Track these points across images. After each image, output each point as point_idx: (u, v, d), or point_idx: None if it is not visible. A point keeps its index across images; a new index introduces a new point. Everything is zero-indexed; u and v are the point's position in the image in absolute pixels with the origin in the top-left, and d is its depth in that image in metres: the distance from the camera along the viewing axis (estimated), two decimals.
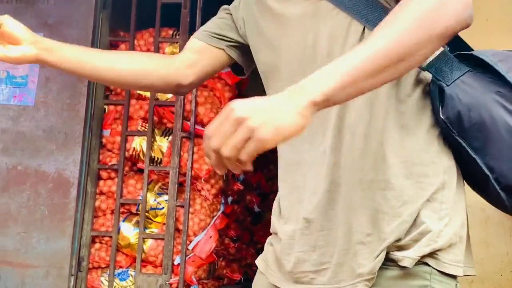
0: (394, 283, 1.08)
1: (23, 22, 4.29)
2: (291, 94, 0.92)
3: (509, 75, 1.06)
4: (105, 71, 1.44)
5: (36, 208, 4.30)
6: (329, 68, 0.94)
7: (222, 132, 0.90)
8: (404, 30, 0.95)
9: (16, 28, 1.39)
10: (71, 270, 4.26)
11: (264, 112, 0.90)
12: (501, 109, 1.04)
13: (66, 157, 4.35)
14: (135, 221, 4.52)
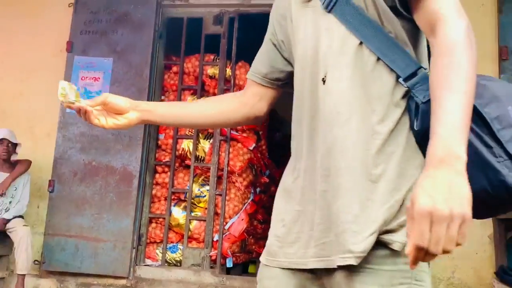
0: (383, 261, 1.00)
1: (98, 49, 4.42)
2: (448, 164, 0.84)
3: (476, 101, 0.96)
4: (199, 119, 1.36)
5: (106, 195, 4.34)
6: (451, 124, 0.86)
7: (437, 235, 0.80)
8: (471, 69, 0.91)
9: (118, 101, 1.28)
10: (133, 243, 4.31)
11: (453, 197, 0.81)
12: None
13: (130, 155, 4.39)
14: (183, 206, 4.60)
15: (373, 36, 1.04)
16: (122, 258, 4.26)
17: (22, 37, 4.79)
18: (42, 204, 4.45)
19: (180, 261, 4.47)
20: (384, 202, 1.00)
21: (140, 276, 4.34)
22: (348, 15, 1.07)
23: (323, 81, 1.08)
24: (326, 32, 1.10)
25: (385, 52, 1.04)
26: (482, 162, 0.94)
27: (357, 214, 1.00)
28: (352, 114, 1.04)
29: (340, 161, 1.04)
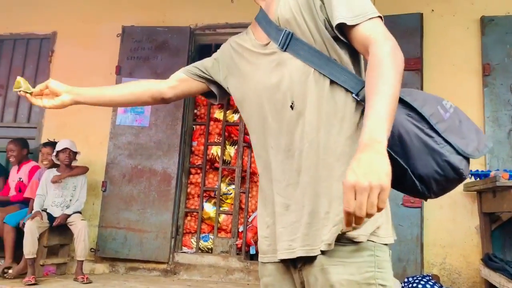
0: (351, 255, 1.03)
1: (142, 72, 4.52)
2: (371, 147, 0.89)
3: (414, 103, 1.06)
4: (116, 99, 1.41)
5: (149, 193, 4.40)
6: (375, 118, 0.92)
7: (360, 202, 0.85)
8: (395, 77, 0.97)
9: (56, 85, 1.38)
10: (172, 234, 4.36)
11: (372, 171, 0.86)
12: (411, 125, 1.05)
13: (168, 160, 4.44)
14: (213, 202, 4.64)
15: (324, 64, 1.10)
16: (163, 246, 4.30)
17: (79, 63, 4.87)
18: (97, 201, 4.53)
19: (211, 248, 4.51)
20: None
21: (178, 261, 4.38)
22: (300, 50, 1.11)
23: (291, 107, 1.11)
24: (285, 67, 1.13)
25: (337, 75, 1.09)
26: (429, 149, 1.04)
27: (327, 211, 1.06)
28: (318, 129, 1.09)
29: (312, 169, 1.08)
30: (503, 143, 3.86)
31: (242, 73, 1.24)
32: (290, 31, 1.13)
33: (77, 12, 4.98)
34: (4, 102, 5.12)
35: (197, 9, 4.69)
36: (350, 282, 1.03)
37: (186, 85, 1.39)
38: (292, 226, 1.09)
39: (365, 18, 1.06)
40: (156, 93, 1.40)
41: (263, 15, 1.24)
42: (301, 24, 1.12)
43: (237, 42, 1.29)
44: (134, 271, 4.35)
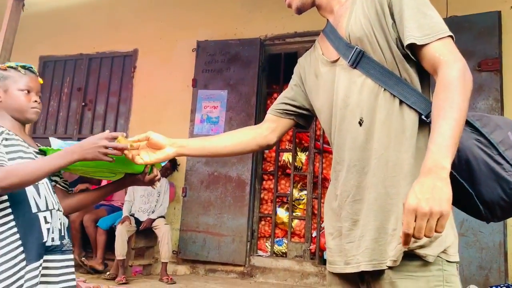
0: (420, 269, 1.03)
1: (215, 84, 4.72)
2: (434, 172, 0.92)
3: (483, 129, 1.06)
4: (221, 150, 1.37)
5: (226, 198, 4.55)
6: (440, 143, 0.94)
7: (419, 226, 0.89)
8: (462, 102, 0.98)
9: (158, 138, 1.32)
10: (247, 238, 4.47)
11: (434, 198, 0.89)
12: (480, 151, 1.05)
13: (243, 166, 4.57)
14: (286, 207, 4.71)
15: (395, 84, 1.10)
16: (239, 250, 4.43)
17: (158, 77, 5.17)
18: (178, 206, 4.75)
19: (285, 252, 4.56)
20: None
21: (254, 264, 4.48)
22: (371, 69, 1.12)
23: (359, 123, 1.12)
24: (354, 84, 1.14)
25: (407, 96, 1.10)
26: (496, 176, 1.04)
27: (394, 228, 1.07)
28: (387, 147, 1.09)
29: (379, 186, 1.09)
30: None
31: (316, 87, 1.27)
32: (361, 49, 1.14)
33: (156, 30, 5.28)
34: (94, 115, 5.55)
35: (266, 21, 4.81)
36: None
37: (280, 123, 1.40)
38: (359, 241, 1.11)
39: (435, 38, 1.06)
40: (262, 141, 1.40)
41: (331, 29, 1.24)
42: (372, 43, 1.12)
43: (306, 59, 1.34)
44: (213, 272, 4.52)
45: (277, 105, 1.41)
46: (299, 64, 1.37)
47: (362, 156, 1.12)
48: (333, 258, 1.20)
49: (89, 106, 5.61)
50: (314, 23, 4.50)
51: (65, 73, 5.79)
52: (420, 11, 1.08)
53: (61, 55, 5.81)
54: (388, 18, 1.11)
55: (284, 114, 1.40)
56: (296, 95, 1.38)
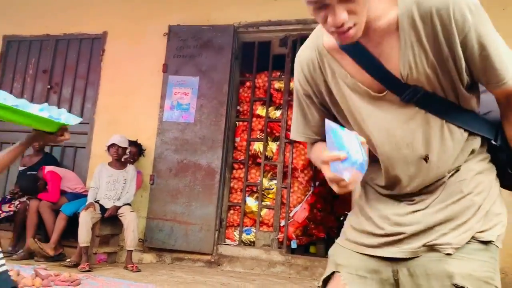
0: (475, 252, 1.06)
1: (187, 70, 4.67)
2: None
3: None
4: None
5: (194, 187, 4.53)
6: None
7: None
8: None
9: None
10: (216, 226, 4.47)
11: None
12: None
13: (212, 155, 4.55)
14: (256, 196, 4.72)
15: (457, 115, 1.06)
16: (207, 238, 4.43)
17: (129, 62, 5.06)
18: (145, 194, 4.69)
19: (254, 241, 4.59)
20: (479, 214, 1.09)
21: (221, 253, 4.49)
22: (430, 104, 1.04)
23: (425, 160, 1.07)
24: (413, 120, 1.06)
25: (471, 125, 1.08)
26: None
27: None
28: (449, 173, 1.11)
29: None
30: None
31: (350, 113, 1.12)
32: (419, 88, 1.02)
33: (126, 13, 5.16)
34: (60, 98, 5.39)
35: (240, 8, 4.77)
36: (471, 276, 1.04)
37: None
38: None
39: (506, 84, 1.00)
40: None
41: (367, 56, 1.05)
42: (434, 84, 1.02)
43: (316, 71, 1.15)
44: (180, 261, 4.50)
45: (308, 132, 1.24)
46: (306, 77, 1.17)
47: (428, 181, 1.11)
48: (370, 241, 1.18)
49: (55, 89, 5.45)
50: (288, 12, 4.54)
51: (30, 54, 5.60)
52: (502, 45, 1.00)
53: (26, 35, 5.62)
54: (461, 62, 0.98)
55: (315, 130, 1.23)
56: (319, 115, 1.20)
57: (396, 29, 0.98)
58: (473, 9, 0.94)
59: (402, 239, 1.11)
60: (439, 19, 0.94)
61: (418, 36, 0.97)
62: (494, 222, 1.08)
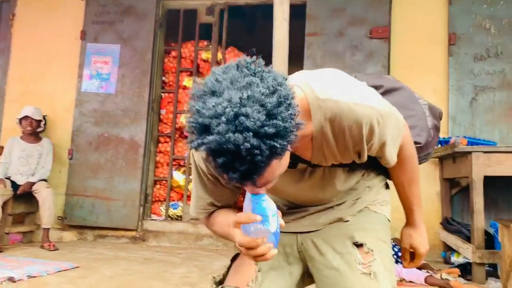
0: (370, 215, 1.25)
1: (107, 37, 4.45)
2: (421, 228, 1.33)
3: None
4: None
5: (117, 161, 4.40)
6: (417, 215, 1.30)
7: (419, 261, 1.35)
8: (418, 188, 1.28)
9: None
10: (140, 202, 4.39)
11: (424, 243, 1.32)
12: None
13: (136, 128, 4.43)
14: (183, 171, 4.68)
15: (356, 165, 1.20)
16: (131, 214, 4.35)
17: (43, 28, 4.75)
18: (63, 169, 4.49)
19: (181, 216, 4.56)
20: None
21: (147, 228, 4.43)
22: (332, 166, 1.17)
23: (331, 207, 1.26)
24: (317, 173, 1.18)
25: (365, 166, 1.24)
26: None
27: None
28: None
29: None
30: (465, 112, 3.98)
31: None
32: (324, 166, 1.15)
33: None
34: None
35: None
36: (368, 235, 1.21)
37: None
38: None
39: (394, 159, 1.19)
40: None
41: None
42: (338, 160, 1.13)
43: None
44: (103, 238, 4.38)
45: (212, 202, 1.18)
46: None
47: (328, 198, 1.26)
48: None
49: None
50: None
51: None
52: (393, 141, 1.18)
53: None
54: (363, 153, 1.13)
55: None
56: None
57: (310, 139, 1.05)
58: (380, 121, 1.04)
59: (306, 215, 1.24)
60: (350, 134, 1.03)
61: (328, 144, 1.06)
62: (381, 203, 1.29)
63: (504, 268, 2.81)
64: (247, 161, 0.78)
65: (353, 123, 1.01)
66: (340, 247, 1.18)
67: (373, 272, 1.13)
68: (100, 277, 2.88)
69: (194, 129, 0.80)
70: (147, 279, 2.90)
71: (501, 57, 4.00)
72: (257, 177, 0.82)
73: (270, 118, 0.79)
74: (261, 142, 0.78)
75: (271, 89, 0.81)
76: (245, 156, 0.77)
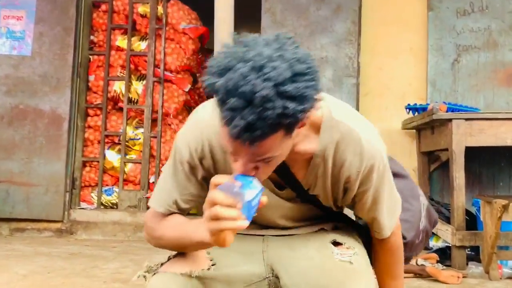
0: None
1: None
2: None
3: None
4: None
5: (36, 139, 4.30)
6: None
7: None
8: (401, 272, 1.33)
9: None
10: (66, 187, 4.33)
11: None
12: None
13: (58, 98, 4.32)
14: (118, 149, 4.60)
15: (335, 215, 1.31)
16: (55, 202, 4.28)
17: None
18: None
19: (116, 203, 4.51)
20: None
21: (75, 219, 4.36)
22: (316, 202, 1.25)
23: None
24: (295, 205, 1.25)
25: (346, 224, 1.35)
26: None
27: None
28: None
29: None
30: (446, 75, 4.06)
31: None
32: (315, 195, 1.22)
33: None
34: None
35: None
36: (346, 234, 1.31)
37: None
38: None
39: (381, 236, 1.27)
40: None
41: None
42: (327, 199, 1.22)
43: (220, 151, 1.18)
44: (21, 232, 4.29)
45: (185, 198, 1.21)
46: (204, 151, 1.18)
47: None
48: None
49: None
50: None
51: None
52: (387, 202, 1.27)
53: None
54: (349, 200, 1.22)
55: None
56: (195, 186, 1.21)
57: (309, 159, 1.14)
58: (380, 169, 1.15)
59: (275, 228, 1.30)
60: (349, 166, 1.13)
61: (325, 170, 1.15)
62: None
63: (485, 250, 2.92)
64: (257, 112, 0.85)
65: (357, 155, 1.11)
66: (316, 245, 1.22)
67: (353, 262, 1.18)
68: (11, 276, 2.79)
69: (215, 68, 0.89)
70: (70, 276, 2.84)
71: (486, 12, 4.08)
72: (258, 137, 0.88)
73: (294, 80, 0.87)
74: (277, 97, 0.86)
75: (303, 59, 0.90)
76: (257, 105, 0.85)
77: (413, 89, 4.09)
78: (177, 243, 1.14)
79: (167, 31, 4.64)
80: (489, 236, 2.84)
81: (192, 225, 1.09)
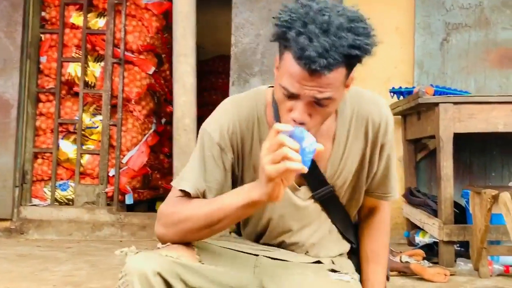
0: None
1: None
2: None
3: None
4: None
5: None
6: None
7: None
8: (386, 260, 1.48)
9: None
10: (15, 182, 4.27)
11: None
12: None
13: (5, 81, 4.26)
14: (73, 139, 4.53)
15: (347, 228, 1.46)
16: (3, 198, 4.25)
17: None
18: None
19: (72, 199, 4.47)
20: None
21: (26, 217, 4.33)
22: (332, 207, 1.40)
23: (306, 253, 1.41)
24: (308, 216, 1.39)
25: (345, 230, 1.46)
26: None
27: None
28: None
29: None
30: (435, 56, 4.04)
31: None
32: (332, 188, 1.37)
33: None
34: None
35: None
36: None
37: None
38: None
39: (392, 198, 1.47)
40: None
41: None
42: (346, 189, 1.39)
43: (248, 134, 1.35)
44: None
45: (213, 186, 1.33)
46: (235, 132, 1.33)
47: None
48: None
49: None
50: None
51: None
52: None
53: None
54: (371, 173, 1.40)
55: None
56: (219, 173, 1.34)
57: (333, 136, 1.35)
58: (391, 126, 1.38)
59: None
60: (371, 123, 1.34)
61: (349, 144, 1.35)
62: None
63: (475, 245, 2.91)
64: (331, 39, 1.05)
65: (374, 104, 1.35)
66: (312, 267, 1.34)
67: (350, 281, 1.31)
68: None
69: (289, 8, 1.10)
70: (16, 279, 2.77)
71: None
72: (330, 64, 1.06)
73: (362, 20, 1.11)
74: (350, 29, 1.07)
75: (362, 17, 1.13)
76: (333, 33, 1.05)
77: (399, 72, 4.09)
78: (210, 220, 1.19)
79: (128, 6, 4.58)
80: (479, 230, 2.84)
81: (228, 194, 1.21)
